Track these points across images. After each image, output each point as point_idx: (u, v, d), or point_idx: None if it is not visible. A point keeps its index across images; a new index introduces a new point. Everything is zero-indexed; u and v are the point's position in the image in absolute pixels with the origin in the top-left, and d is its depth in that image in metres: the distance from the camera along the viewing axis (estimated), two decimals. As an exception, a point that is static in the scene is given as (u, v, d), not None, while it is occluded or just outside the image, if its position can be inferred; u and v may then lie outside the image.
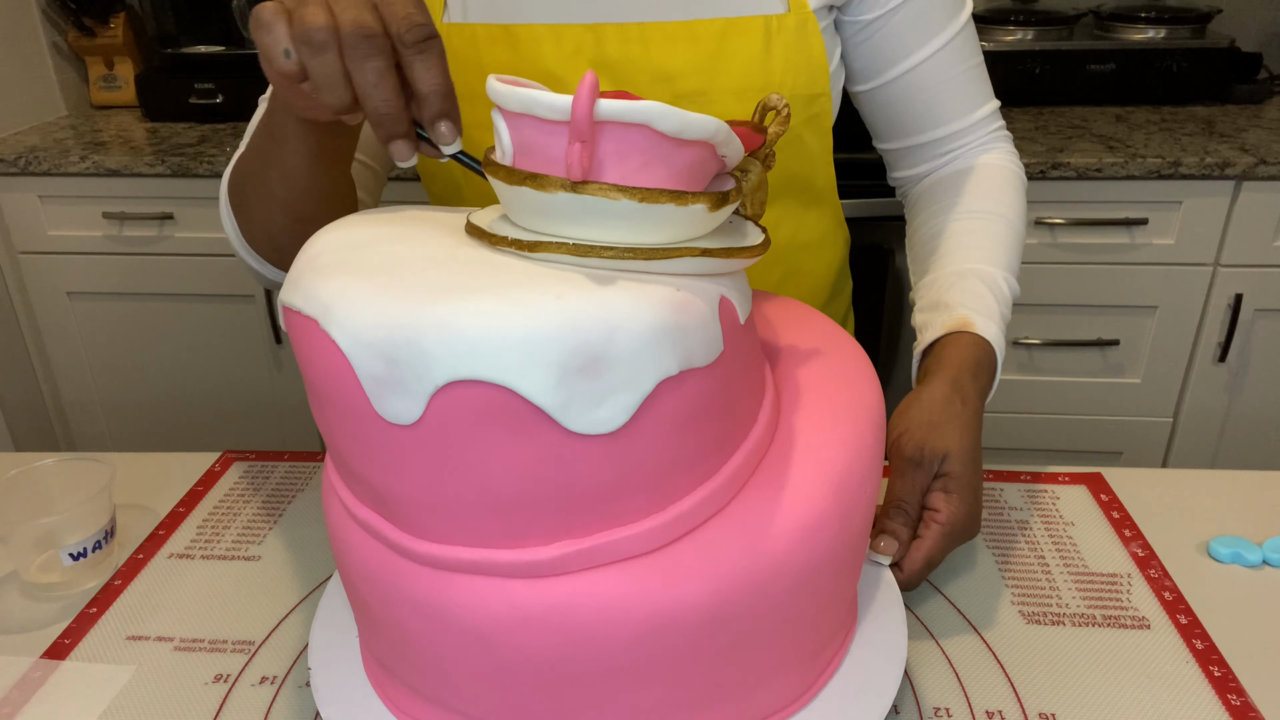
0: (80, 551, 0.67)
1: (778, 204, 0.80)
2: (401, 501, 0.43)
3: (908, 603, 0.64)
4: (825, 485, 0.47)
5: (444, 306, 0.39)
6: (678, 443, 0.43)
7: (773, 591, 0.45)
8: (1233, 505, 0.73)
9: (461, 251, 0.44)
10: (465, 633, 0.43)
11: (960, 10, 0.77)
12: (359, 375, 0.40)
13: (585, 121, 0.40)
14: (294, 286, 0.44)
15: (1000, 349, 0.69)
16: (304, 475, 0.81)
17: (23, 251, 1.71)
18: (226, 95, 1.79)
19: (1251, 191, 1.47)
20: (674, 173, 0.44)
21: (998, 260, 0.74)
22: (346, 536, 0.48)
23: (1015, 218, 0.78)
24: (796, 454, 0.49)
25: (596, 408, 0.40)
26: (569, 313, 0.39)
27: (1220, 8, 1.79)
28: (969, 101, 0.79)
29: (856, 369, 0.55)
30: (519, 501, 0.41)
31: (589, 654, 0.43)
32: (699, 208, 0.43)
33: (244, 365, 1.77)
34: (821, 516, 0.46)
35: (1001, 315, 0.71)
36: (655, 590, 0.43)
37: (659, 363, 0.40)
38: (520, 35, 0.72)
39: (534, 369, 0.38)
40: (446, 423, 0.40)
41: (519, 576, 0.43)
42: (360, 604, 0.49)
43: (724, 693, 0.47)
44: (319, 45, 0.46)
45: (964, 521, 0.61)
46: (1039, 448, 1.69)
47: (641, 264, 0.42)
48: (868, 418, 0.52)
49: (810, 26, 0.73)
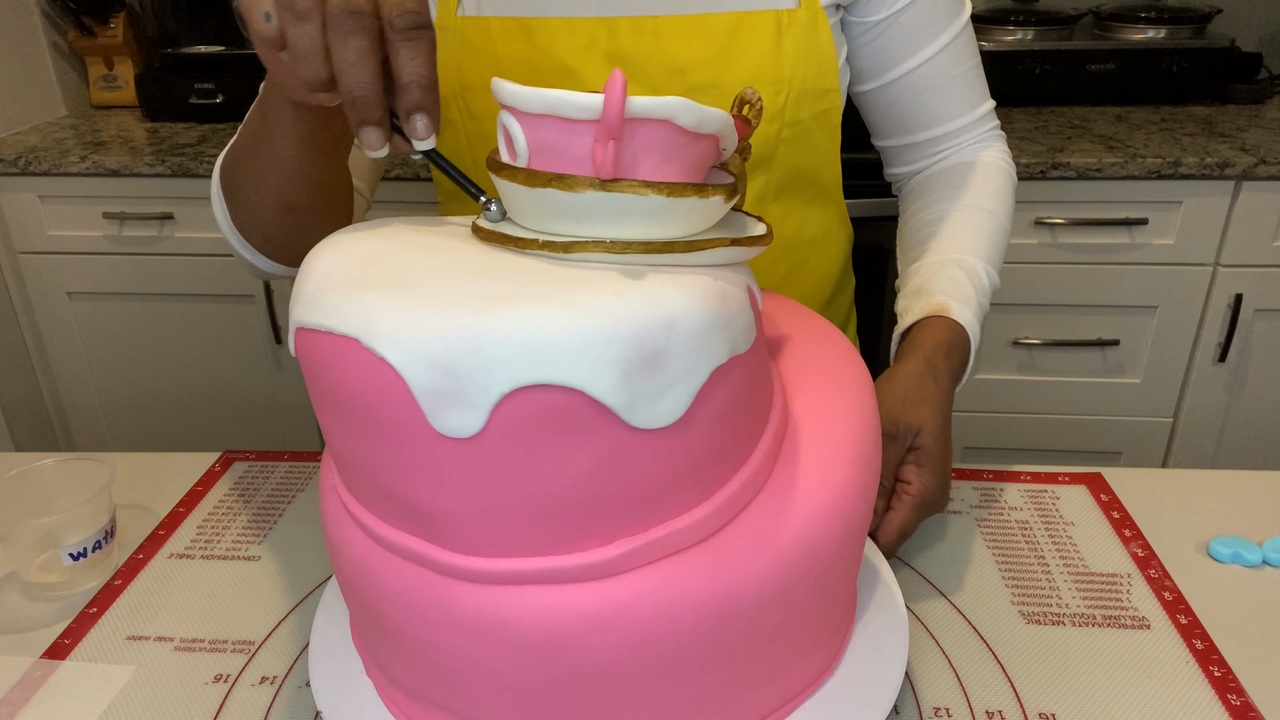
0: (80, 551, 0.67)
1: (784, 199, 0.81)
2: (452, 519, 0.42)
3: (908, 603, 0.64)
4: (844, 459, 0.49)
5: (504, 313, 0.38)
6: (724, 429, 0.44)
7: (814, 567, 0.46)
8: (1233, 505, 0.73)
9: (490, 258, 0.44)
10: (525, 645, 0.42)
11: (961, 11, 0.78)
12: (414, 391, 0.38)
13: (618, 119, 0.40)
14: (314, 307, 0.42)
15: (974, 334, 0.72)
16: (304, 475, 0.81)
17: (23, 251, 1.72)
18: (226, 95, 1.79)
19: (1251, 191, 1.47)
20: (686, 167, 0.44)
21: (980, 252, 0.77)
22: (373, 565, 0.46)
23: (1001, 213, 0.80)
24: (807, 433, 0.50)
25: (658, 401, 0.40)
26: (629, 309, 0.39)
27: (1220, 8, 1.79)
28: (967, 101, 0.81)
29: (836, 347, 0.57)
30: (580, 504, 0.41)
31: (653, 649, 0.43)
32: (717, 200, 0.44)
33: (244, 365, 1.77)
34: (847, 487, 0.48)
35: (979, 304, 0.74)
36: (713, 578, 0.43)
37: (712, 352, 0.41)
38: (535, 28, 0.72)
39: (602, 368, 0.38)
40: (509, 431, 0.39)
41: (581, 580, 0.42)
42: (388, 631, 0.47)
43: (768, 673, 0.48)
44: (301, 13, 0.44)
45: (935, 492, 0.64)
46: (1039, 448, 1.69)
47: (677, 257, 0.43)
48: (866, 391, 0.54)
49: (820, 22, 0.73)
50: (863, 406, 0.52)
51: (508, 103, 0.43)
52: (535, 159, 0.44)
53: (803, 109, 0.76)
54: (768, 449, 0.47)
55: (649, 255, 0.43)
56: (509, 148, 0.45)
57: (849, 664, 0.53)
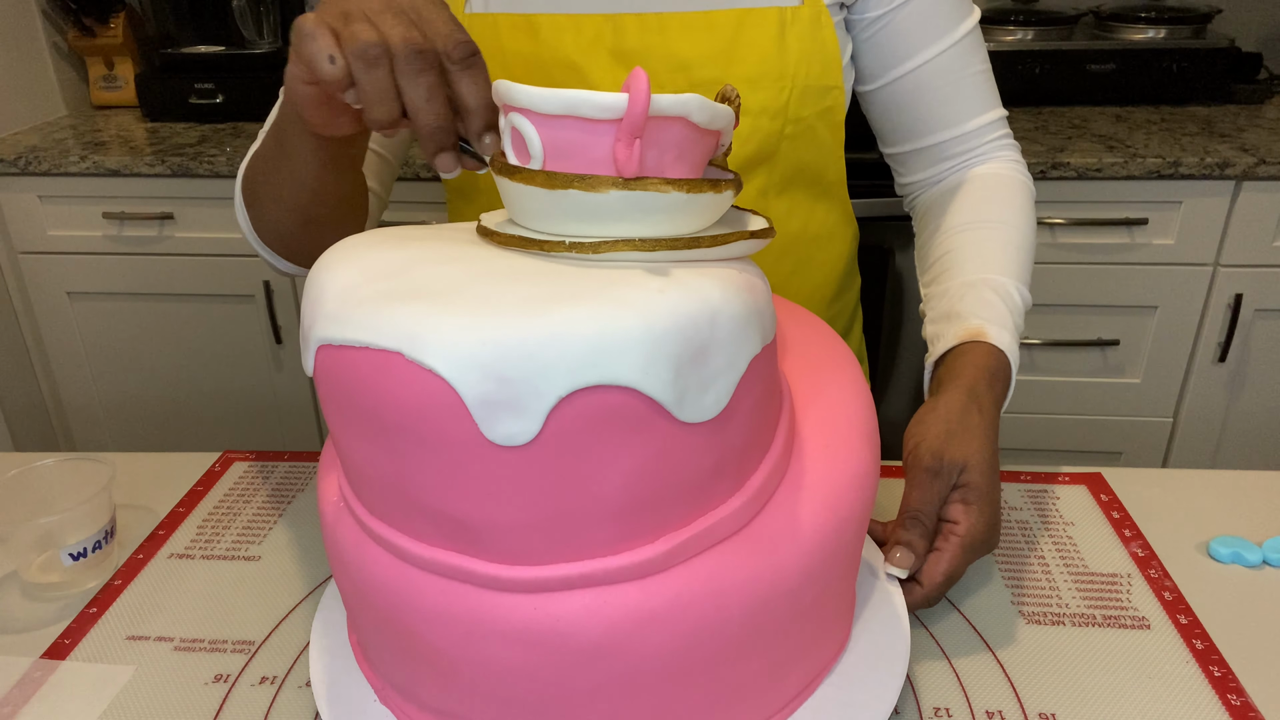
0: (80, 551, 0.67)
1: (787, 195, 0.81)
2: (498, 529, 0.41)
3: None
4: (849, 437, 0.50)
5: (555, 316, 0.38)
6: (755, 418, 0.45)
7: (839, 545, 0.48)
8: (1233, 505, 0.73)
9: (515, 262, 0.43)
10: (575, 650, 0.42)
11: (967, 15, 0.77)
12: (466, 400, 0.38)
13: (643, 118, 0.40)
14: (344, 322, 0.41)
15: (1014, 358, 0.68)
16: (304, 475, 0.81)
17: (23, 251, 1.71)
18: (226, 95, 1.79)
19: (1251, 191, 1.47)
20: (694, 163, 0.45)
21: (1009, 269, 0.73)
22: (404, 585, 0.44)
23: (1025, 226, 0.77)
24: (815, 417, 0.52)
25: (704, 395, 0.41)
26: (676, 306, 0.39)
27: (1220, 8, 1.79)
28: (973, 106, 0.79)
29: (812, 324, 0.59)
30: (628, 504, 0.41)
31: (702, 642, 0.43)
32: (728, 194, 0.45)
33: (244, 365, 1.77)
34: (859, 464, 0.50)
35: (1015, 324, 0.70)
36: (754, 565, 0.44)
37: (750, 342, 0.42)
38: (541, 24, 0.73)
39: (654, 365, 0.39)
40: (562, 436, 0.39)
41: (629, 580, 0.42)
42: (419, 652, 0.45)
43: (801, 654, 0.49)
44: (373, 60, 0.47)
45: (984, 533, 0.59)
46: (1039, 448, 1.69)
47: (703, 252, 0.44)
48: (852, 366, 0.56)
49: (824, 19, 0.74)
50: (854, 382, 0.54)
51: (522, 104, 0.43)
52: (551, 161, 0.43)
53: (806, 105, 0.76)
54: (785, 435, 0.49)
55: (676, 251, 0.43)
56: (519, 150, 0.44)
57: (850, 664, 0.53)
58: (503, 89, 0.44)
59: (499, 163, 0.45)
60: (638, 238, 0.43)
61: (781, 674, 0.48)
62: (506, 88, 0.43)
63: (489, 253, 0.45)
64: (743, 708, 0.47)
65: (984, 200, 0.78)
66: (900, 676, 0.52)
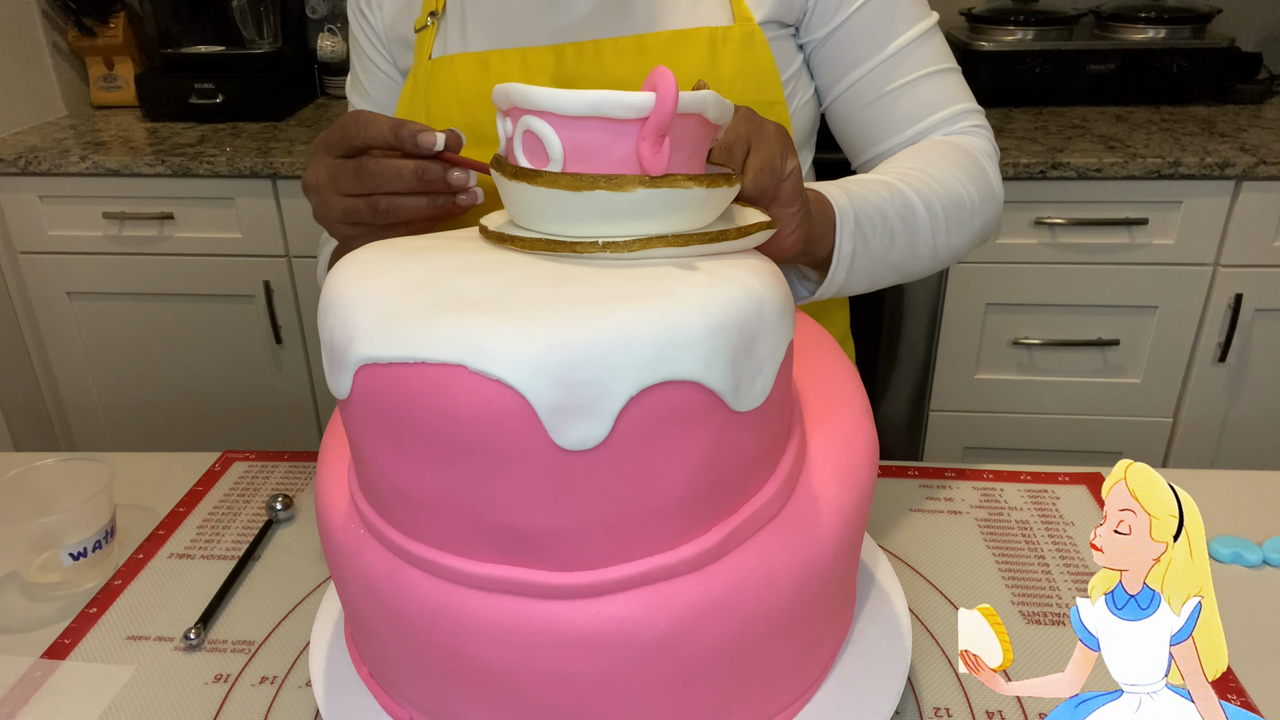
0: (80, 551, 0.67)
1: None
2: (561, 535, 0.40)
3: (908, 603, 0.64)
4: (859, 413, 0.52)
5: (620, 317, 0.38)
6: (787, 401, 0.46)
7: (862, 521, 0.49)
8: (1233, 505, 0.73)
9: (547, 266, 0.43)
10: (636, 649, 0.41)
11: (918, 20, 0.77)
12: (536, 407, 0.37)
13: (670, 116, 0.41)
14: (391, 339, 0.39)
15: (836, 203, 0.63)
16: (304, 475, 0.81)
17: (23, 251, 1.71)
18: (226, 95, 1.79)
19: (1251, 191, 1.47)
20: (702, 157, 0.46)
21: (908, 177, 0.70)
22: (454, 605, 0.43)
23: (950, 178, 0.73)
24: (814, 398, 0.53)
25: (754, 383, 0.42)
26: (728, 298, 0.40)
27: (1220, 8, 1.79)
28: (930, 104, 0.78)
29: (808, 323, 0.60)
30: (687, 497, 0.41)
31: (756, 626, 0.44)
32: (737, 188, 0.47)
33: (244, 365, 1.77)
34: (865, 441, 0.51)
35: (857, 193, 0.65)
36: (797, 546, 0.45)
37: (786, 329, 0.43)
38: (491, 60, 0.77)
39: (715, 357, 0.39)
40: (631, 435, 0.39)
41: (688, 572, 0.42)
42: (467, 672, 0.44)
43: (827, 629, 0.50)
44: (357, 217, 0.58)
45: (770, 125, 0.54)
46: (1039, 448, 1.69)
47: (730, 244, 0.45)
48: (831, 344, 0.58)
49: (757, 39, 0.75)
50: (839, 360, 0.56)
51: (543, 108, 0.42)
52: (571, 163, 0.43)
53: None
54: (802, 418, 0.50)
55: (706, 245, 0.44)
56: (532, 153, 0.44)
57: (851, 665, 0.53)
58: (517, 93, 0.43)
59: (510, 167, 0.44)
60: (667, 234, 0.43)
61: (813, 651, 0.49)
62: (523, 91, 0.42)
63: (515, 258, 0.44)
64: (780, 689, 0.48)
65: (916, 152, 0.76)
66: (901, 677, 0.52)
